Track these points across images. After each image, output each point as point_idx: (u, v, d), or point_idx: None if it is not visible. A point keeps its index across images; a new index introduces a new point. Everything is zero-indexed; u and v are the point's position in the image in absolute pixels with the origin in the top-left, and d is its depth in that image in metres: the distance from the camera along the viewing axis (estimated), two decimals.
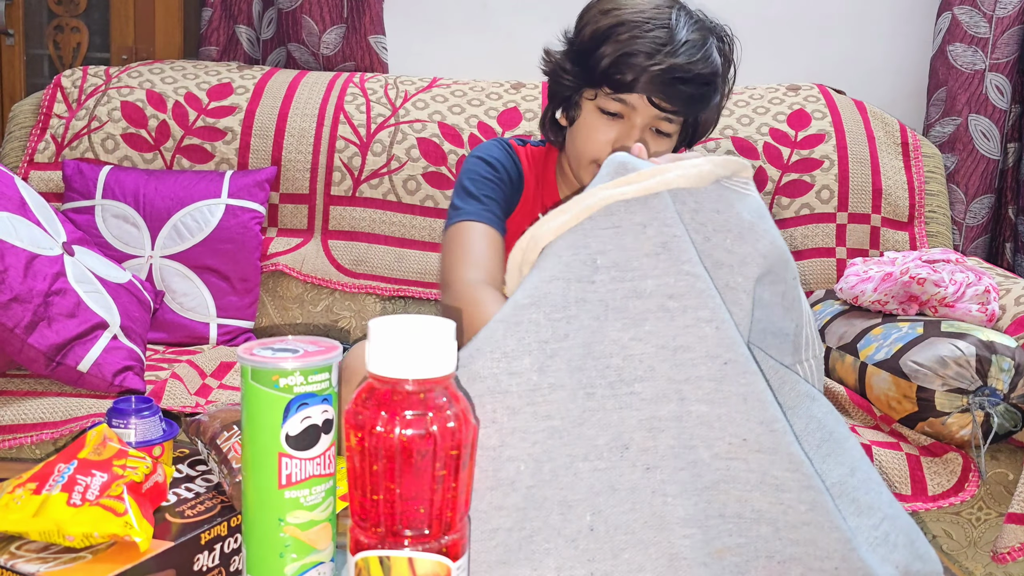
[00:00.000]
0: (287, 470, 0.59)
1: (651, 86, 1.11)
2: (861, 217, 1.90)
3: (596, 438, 0.59)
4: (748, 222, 0.65)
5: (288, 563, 0.59)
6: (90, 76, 1.97)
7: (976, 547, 1.35)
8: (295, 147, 1.90)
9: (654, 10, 1.14)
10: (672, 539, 0.59)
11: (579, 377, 0.60)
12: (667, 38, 1.11)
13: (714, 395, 0.60)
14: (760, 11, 2.21)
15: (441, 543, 0.51)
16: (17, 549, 0.62)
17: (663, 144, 1.18)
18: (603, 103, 1.16)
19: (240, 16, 2.15)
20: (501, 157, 1.24)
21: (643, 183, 0.63)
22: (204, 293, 1.75)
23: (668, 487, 0.59)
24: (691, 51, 1.12)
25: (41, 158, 1.89)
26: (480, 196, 1.18)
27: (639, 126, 1.15)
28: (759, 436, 0.60)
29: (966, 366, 1.29)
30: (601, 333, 0.60)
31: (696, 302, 0.60)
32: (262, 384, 0.58)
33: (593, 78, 1.16)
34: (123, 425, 0.80)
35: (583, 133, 1.18)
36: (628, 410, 0.60)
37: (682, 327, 0.60)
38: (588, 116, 1.18)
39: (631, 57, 1.11)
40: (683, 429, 0.60)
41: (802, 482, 0.59)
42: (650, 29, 1.12)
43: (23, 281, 1.36)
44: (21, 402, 1.36)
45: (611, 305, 0.61)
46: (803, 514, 0.59)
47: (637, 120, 1.15)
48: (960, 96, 2.11)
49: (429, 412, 0.50)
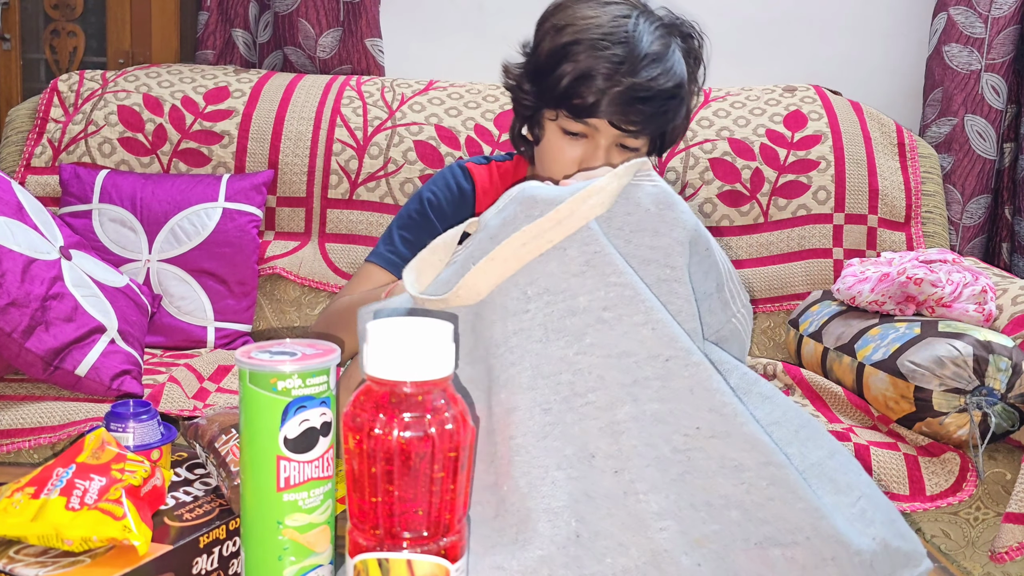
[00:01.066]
0: (285, 473, 0.59)
1: (611, 108, 1.07)
2: (858, 218, 1.90)
3: (563, 449, 0.61)
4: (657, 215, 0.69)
5: (287, 566, 0.59)
6: (87, 80, 1.97)
7: (974, 547, 1.35)
8: (292, 150, 1.90)
9: (611, 23, 1.09)
10: (651, 534, 0.60)
11: (532, 396, 0.62)
12: (625, 54, 1.06)
13: (662, 391, 0.63)
14: (756, 13, 2.21)
15: (440, 545, 0.51)
16: (16, 553, 0.62)
17: (629, 156, 1.15)
18: (565, 124, 1.12)
19: (236, 20, 2.15)
20: (440, 188, 1.24)
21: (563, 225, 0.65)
22: (201, 297, 1.75)
23: (638, 485, 0.61)
24: (651, 67, 1.07)
25: (38, 162, 1.89)
26: (394, 236, 1.22)
27: (603, 146, 1.11)
28: (711, 423, 0.62)
29: (963, 366, 1.29)
30: (546, 354, 0.63)
31: (629, 309, 0.64)
32: (260, 387, 0.58)
33: (552, 99, 1.11)
34: (121, 429, 0.79)
35: (548, 154, 1.15)
36: (587, 420, 0.62)
37: (621, 334, 0.63)
38: (551, 136, 1.14)
39: (589, 80, 1.06)
40: (642, 428, 0.62)
41: (759, 459, 0.61)
42: (606, 47, 1.07)
43: (20, 285, 1.36)
44: (19, 406, 1.36)
45: (550, 327, 0.64)
46: (765, 489, 0.61)
47: (601, 140, 1.11)
48: (956, 96, 2.12)
49: (427, 414, 0.50)
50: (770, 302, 1.88)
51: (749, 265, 1.89)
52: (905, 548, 0.65)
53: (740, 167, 1.91)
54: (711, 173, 1.91)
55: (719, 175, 1.91)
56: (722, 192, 1.91)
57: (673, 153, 1.91)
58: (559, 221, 0.66)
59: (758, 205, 1.91)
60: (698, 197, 1.90)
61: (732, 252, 1.90)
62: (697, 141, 1.92)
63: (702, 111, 1.97)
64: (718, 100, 2.00)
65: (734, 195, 1.91)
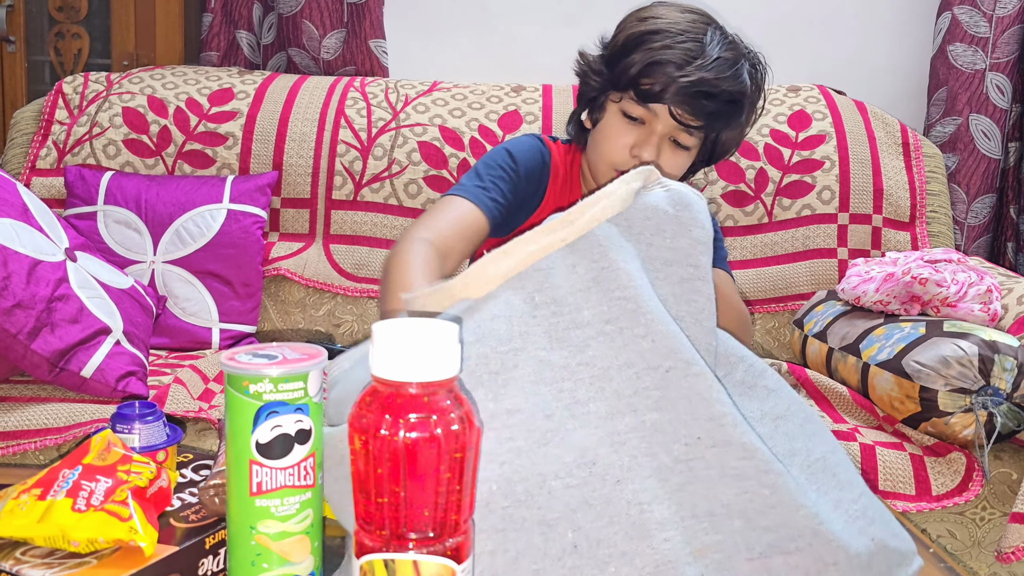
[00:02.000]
0: (257, 478, 0.58)
1: (677, 97, 1.12)
2: (862, 218, 1.90)
3: (563, 456, 0.61)
4: (673, 216, 0.70)
5: (260, 572, 0.59)
6: (91, 82, 1.97)
7: (980, 547, 1.35)
8: (296, 151, 1.90)
9: (690, 23, 1.15)
10: (654, 544, 0.59)
11: (535, 401, 0.62)
12: (698, 51, 1.13)
13: (661, 402, 0.63)
14: (760, 12, 2.21)
15: (446, 546, 0.51)
16: (22, 554, 0.62)
17: (680, 157, 1.19)
18: (627, 107, 1.17)
19: (241, 21, 2.16)
20: (528, 152, 1.24)
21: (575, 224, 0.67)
22: (206, 298, 1.75)
23: (641, 496, 0.61)
24: (721, 67, 1.13)
25: (43, 164, 1.89)
26: (484, 179, 1.18)
27: (659, 133, 1.16)
28: (711, 432, 0.62)
29: (969, 366, 1.29)
30: (548, 362, 0.64)
31: (630, 322, 0.65)
32: (235, 390, 0.58)
33: (621, 82, 1.17)
34: (127, 430, 0.80)
35: (603, 134, 1.20)
36: (587, 428, 0.62)
37: (621, 346, 0.64)
38: (611, 118, 1.19)
39: (661, 66, 1.12)
40: (642, 439, 0.62)
41: (760, 467, 0.61)
42: (683, 41, 1.13)
43: (26, 287, 1.36)
44: (24, 408, 1.36)
45: (554, 336, 0.65)
46: (768, 498, 0.61)
47: (658, 127, 1.16)
48: (961, 96, 2.11)
49: (433, 415, 0.50)
50: (774, 302, 1.88)
51: (753, 265, 1.89)
52: (901, 548, 0.66)
53: (744, 167, 1.91)
54: (715, 173, 1.91)
55: (723, 175, 1.91)
56: (726, 192, 1.90)
57: None
58: (571, 221, 0.67)
59: (762, 205, 1.91)
60: None
61: (737, 252, 1.90)
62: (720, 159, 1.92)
63: None
64: None
65: (738, 195, 1.91)
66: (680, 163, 1.19)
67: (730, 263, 1.90)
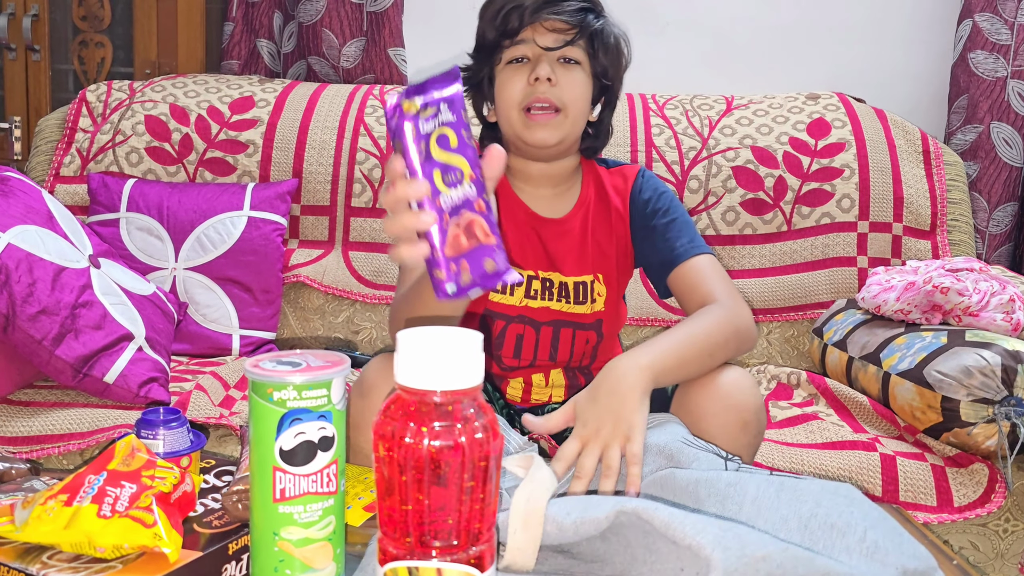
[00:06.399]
0: (280, 484, 0.58)
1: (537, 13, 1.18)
2: (882, 226, 1.89)
3: None
4: None
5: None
6: (114, 90, 1.99)
7: (1003, 559, 1.33)
8: (316, 159, 1.92)
9: None
10: None
11: None
12: None
13: None
14: (779, 20, 2.21)
15: (469, 554, 0.51)
16: (49, 559, 0.63)
17: (575, 71, 1.21)
18: (507, 55, 1.22)
19: (261, 30, 2.18)
20: None
21: None
22: (227, 305, 1.77)
23: None
24: None
25: (67, 172, 1.91)
26: None
27: (544, 57, 1.19)
28: None
29: (991, 376, 1.28)
30: None
31: None
32: (260, 396, 0.58)
33: (491, 45, 1.23)
34: (151, 436, 0.80)
35: (501, 89, 1.23)
36: None
37: None
38: (501, 77, 1.23)
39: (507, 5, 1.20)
40: None
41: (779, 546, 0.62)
42: None
43: (51, 294, 1.38)
44: (48, 413, 1.37)
45: None
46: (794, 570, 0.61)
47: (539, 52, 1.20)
48: (982, 103, 2.10)
49: (457, 423, 0.50)
50: (794, 311, 1.87)
51: (772, 274, 1.88)
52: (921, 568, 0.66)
53: (763, 175, 1.90)
54: (734, 181, 1.90)
55: (742, 183, 1.90)
56: (745, 200, 1.90)
57: (696, 161, 1.91)
58: None
59: (781, 213, 1.90)
60: (720, 205, 1.90)
61: (755, 260, 1.89)
62: (720, 149, 1.92)
63: (724, 119, 1.96)
64: (740, 108, 1.99)
65: (757, 203, 1.90)
66: (578, 79, 1.21)
67: (749, 271, 1.89)
